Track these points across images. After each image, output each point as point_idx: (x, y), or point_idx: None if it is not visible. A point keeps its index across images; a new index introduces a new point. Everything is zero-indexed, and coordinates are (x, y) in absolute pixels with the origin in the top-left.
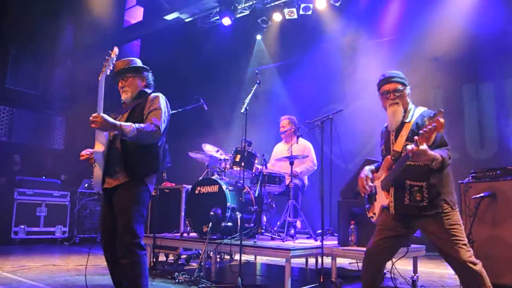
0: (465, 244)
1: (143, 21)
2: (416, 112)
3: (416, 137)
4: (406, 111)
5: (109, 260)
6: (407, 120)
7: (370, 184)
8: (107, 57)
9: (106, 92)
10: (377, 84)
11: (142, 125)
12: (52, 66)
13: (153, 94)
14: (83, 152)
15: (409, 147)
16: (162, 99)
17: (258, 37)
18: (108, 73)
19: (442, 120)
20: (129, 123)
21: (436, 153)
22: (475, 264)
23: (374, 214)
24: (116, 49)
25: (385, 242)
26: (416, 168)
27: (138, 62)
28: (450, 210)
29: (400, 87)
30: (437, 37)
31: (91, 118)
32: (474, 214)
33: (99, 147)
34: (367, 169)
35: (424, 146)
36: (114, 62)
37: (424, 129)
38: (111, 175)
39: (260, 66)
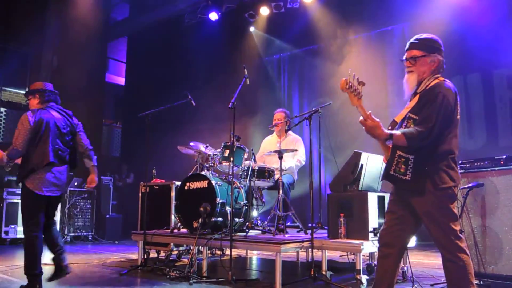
0: (450, 231)
1: (129, 18)
2: (431, 84)
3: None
4: (422, 80)
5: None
6: (419, 91)
7: None
8: None
9: None
10: None
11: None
12: (37, 63)
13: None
14: None
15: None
16: (25, 117)
17: (252, 29)
18: None
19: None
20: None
21: (396, 131)
22: (458, 256)
23: None
24: None
25: (391, 225)
26: None
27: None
28: (432, 191)
29: (417, 54)
30: (425, 29)
31: None
32: (462, 204)
33: None
34: None
35: (373, 122)
36: None
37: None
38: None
39: (248, 60)
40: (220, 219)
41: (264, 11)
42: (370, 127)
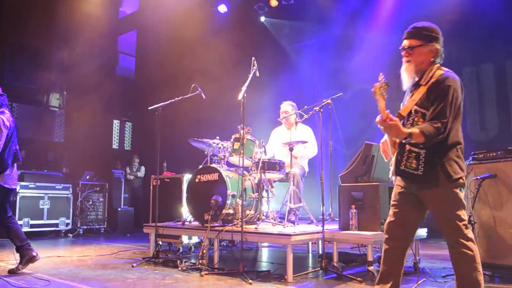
0: (459, 222)
1: (139, 11)
2: (436, 75)
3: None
4: (425, 71)
5: None
6: (423, 83)
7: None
8: None
9: None
10: None
11: None
12: (48, 59)
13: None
14: None
15: (378, 118)
16: (4, 120)
17: (262, 18)
18: None
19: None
20: None
21: (414, 129)
22: (467, 246)
23: None
24: None
25: (398, 217)
26: None
27: None
28: (445, 183)
29: (414, 44)
30: (436, 19)
31: None
32: (475, 195)
33: None
34: None
35: (392, 122)
36: None
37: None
38: None
39: (258, 51)
40: (231, 211)
41: (274, 2)
42: (390, 126)
